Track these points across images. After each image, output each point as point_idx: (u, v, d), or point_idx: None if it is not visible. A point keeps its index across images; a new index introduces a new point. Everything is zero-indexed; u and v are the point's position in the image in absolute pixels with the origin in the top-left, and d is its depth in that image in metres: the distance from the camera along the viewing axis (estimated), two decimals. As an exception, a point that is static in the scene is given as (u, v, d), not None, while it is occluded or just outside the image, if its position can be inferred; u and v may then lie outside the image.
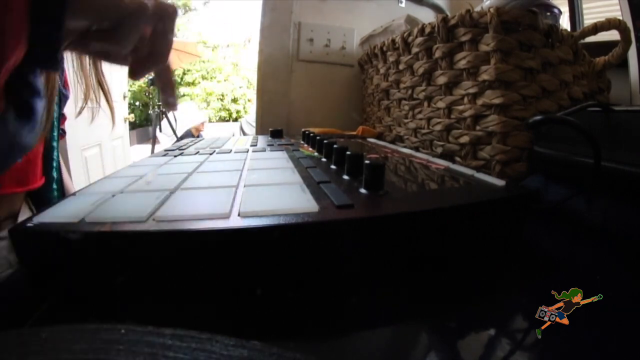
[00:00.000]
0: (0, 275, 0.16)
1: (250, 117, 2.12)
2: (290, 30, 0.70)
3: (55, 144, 0.36)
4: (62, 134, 0.45)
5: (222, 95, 5.66)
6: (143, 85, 4.49)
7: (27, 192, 0.31)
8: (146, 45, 0.20)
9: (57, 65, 0.17)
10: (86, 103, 0.33)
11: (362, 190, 0.20)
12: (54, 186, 0.36)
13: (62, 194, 0.38)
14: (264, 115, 0.72)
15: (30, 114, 0.20)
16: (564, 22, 0.75)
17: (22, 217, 0.30)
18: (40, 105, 0.21)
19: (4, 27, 0.14)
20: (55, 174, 0.36)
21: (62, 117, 0.44)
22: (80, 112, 0.33)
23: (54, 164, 0.37)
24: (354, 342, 0.14)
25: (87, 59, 0.30)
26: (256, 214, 0.16)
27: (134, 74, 0.22)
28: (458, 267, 0.18)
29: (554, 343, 0.13)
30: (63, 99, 0.38)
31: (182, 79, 5.53)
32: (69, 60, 0.30)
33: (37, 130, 0.21)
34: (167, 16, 0.20)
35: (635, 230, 0.23)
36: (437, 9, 0.78)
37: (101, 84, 0.33)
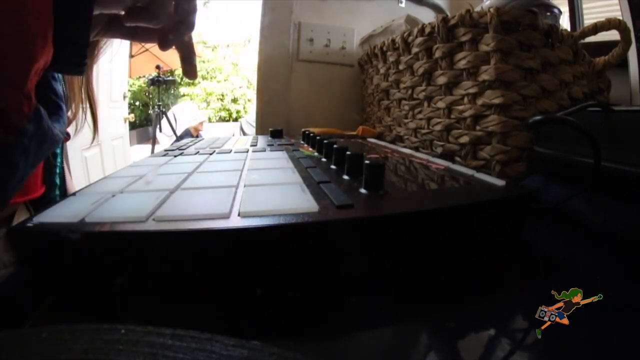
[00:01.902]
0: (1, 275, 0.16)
1: (250, 117, 2.12)
2: (290, 30, 0.70)
3: (58, 150, 0.36)
4: (67, 137, 0.45)
5: (222, 95, 5.66)
6: (143, 85, 4.49)
7: (29, 201, 0.31)
8: (172, 17, 0.22)
9: (84, 68, 0.17)
10: (75, 116, 0.33)
11: (362, 190, 0.20)
12: (57, 192, 0.36)
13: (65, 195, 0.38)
14: (264, 115, 0.72)
15: (59, 112, 0.21)
16: (564, 22, 0.75)
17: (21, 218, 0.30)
18: (64, 106, 0.22)
19: (31, 29, 0.14)
20: (57, 180, 0.36)
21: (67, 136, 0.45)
22: (69, 125, 0.33)
23: (57, 170, 0.37)
24: (354, 342, 0.14)
25: None
26: (256, 214, 0.16)
27: (164, 45, 0.23)
28: (458, 267, 0.18)
29: (554, 343, 0.13)
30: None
31: (182, 79, 5.53)
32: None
33: (64, 129, 0.22)
34: None
35: (635, 230, 0.23)
36: (437, 9, 0.78)
37: (90, 96, 0.33)
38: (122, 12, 0.20)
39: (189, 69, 0.27)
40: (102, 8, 0.17)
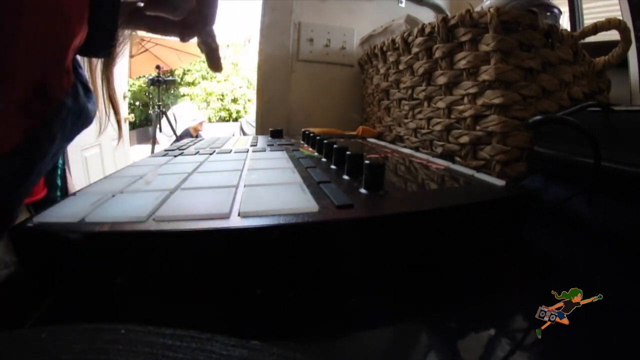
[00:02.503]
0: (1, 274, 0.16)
1: (250, 117, 2.12)
2: (290, 30, 0.70)
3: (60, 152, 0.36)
4: None
5: (222, 95, 5.66)
6: (143, 85, 4.49)
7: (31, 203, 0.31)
8: (193, 9, 0.22)
9: (110, 51, 0.19)
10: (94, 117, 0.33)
11: (362, 190, 0.20)
12: (58, 193, 0.36)
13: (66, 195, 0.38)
14: (264, 115, 0.72)
15: (89, 93, 0.22)
16: (564, 22, 0.75)
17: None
18: (92, 89, 0.23)
19: (72, 7, 0.15)
20: (59, 182, 0.37)
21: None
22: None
23: (58, 172, 0.37)
24: (354, 342, 0.14)
25: (98, 72, 0.31)
26: (256, 214, 0.16)
27: (184, 36, 0.24)
28: (458, 267, 0.18)
29: (554, 343, 0.13)
30: None
31: (182, 79, 5.53)
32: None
33: (95, 108, 0.23)
34: None
35: (635, 230, 0.23)
36: (437, 9, 0.78)
37: (112, 98, 0.34)
38: (143, 3, 0.21)
39: (213, 63, 0.28)
40: None
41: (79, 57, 0.20)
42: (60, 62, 0.16)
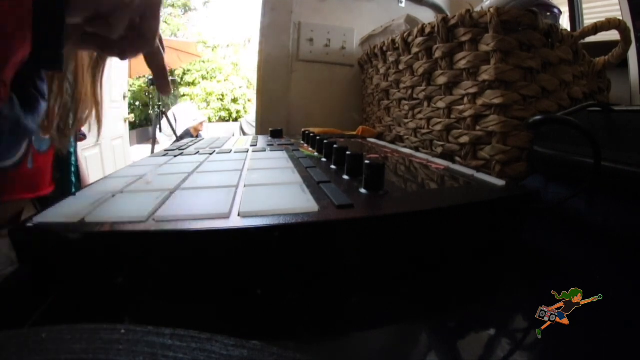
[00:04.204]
0: (0, 273, 0.16)
1: (250, 117, 2.12)
2: (290, 30, 0.70)
3: (72, 149, 0.37)
4: (83, 137, 0.47)
5: (222, 95, 5.66)
6: (143, 85, 4.49)
7: (37, 198, 0.32)
8: (135, 31, 0.23)
9: (61, 65, 0.19)
10: (87, 119, 0.34)
11: (362, 190, 0.20)
12: (74, 190, 0.37)
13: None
14: (264, 115, 0.72)
15: (34, 106, 0.22)
16: (564, 22, 0.75)
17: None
18: (43, 104, 0.23)
19: (9, 28, 0.16)
20: (74, 179, 0.37)
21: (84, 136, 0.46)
22: (80, 127, 0.35)
23: (72, 169, 0.37)
24: (354, 342, 0.14)
25: (83, 70, 0.32)
26: (256, 214, 0.16)
27: (122, 55, 0.25)
28: (458, 267, 0.18)
29: (554, 343, 0.13)
30: None
31: (182, 79, 5.53)
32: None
33: (38, 121, 0.24)
34: (153, 4, 0.23)
35: (636, 230, 0.23)
36: (437, 9, 0.78)
37: (95, 96, 0.34)
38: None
39: (160, 84, 0.29)
40: (71, 17, 0.19)
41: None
42: None
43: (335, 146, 0.28)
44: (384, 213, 0.17)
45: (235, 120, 5.32)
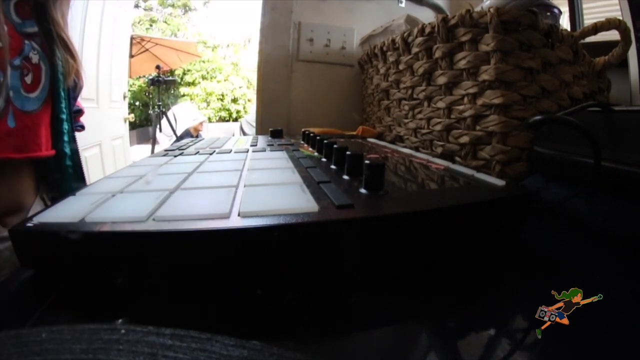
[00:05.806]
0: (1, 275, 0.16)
1: (250, 117, 2.12)
2: (290, 30, 0.70)
3: (63, 116, 0.36)
4: (81, 128, 0.47)
5: (222, 95, 5.66)
6: (143, 85, 4.49)
7: (32, 161, 0.31)
8: None
9: None
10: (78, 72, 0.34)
11: (362, 190, 0.20)
12: (68, 162, 0.36)
13: (79, 169, 0.39)
14: (264, 115, 0.72)
15: None
16: (564, 22, 0.75)
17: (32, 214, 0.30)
18: None
19: None
20: (67, 149, 0.37)
21: (80, 112, 0.46)
22: (79, 92, 0.35)
23: (65, 138, 0.36)
24: (354, 342, 0.14)
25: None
26: (256, 214, 0.16)
27: None
28: (458, 267, 0.18)
29: (554, 343, 0.13)
30: (77, 88, 0.39)
31: (182, 79, 5.53)
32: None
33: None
34: None
35: (636, 230, 0.23)
36: (437, 9, 0.78)
37: (62, 39, 0.34)
38: None
39: None
40: None
41: None
42: None
43: (335, 146, 0.28)
44: (384, 213, 0.17)
45: (235, 120, 5.32)
